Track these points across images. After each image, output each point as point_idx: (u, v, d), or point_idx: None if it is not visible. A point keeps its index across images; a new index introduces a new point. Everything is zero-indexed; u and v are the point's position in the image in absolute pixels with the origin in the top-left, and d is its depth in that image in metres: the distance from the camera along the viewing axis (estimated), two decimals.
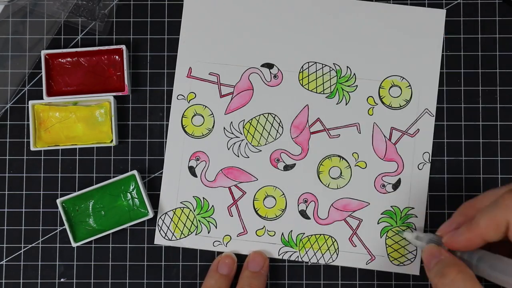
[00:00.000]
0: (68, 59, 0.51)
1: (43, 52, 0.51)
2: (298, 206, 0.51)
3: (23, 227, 0.51)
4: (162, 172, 0.51)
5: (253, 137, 0.51)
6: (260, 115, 0.52)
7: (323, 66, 0.52)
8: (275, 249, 0.51)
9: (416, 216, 0.50)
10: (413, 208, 0.51)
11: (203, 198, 0.51)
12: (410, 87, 0.51)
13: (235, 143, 0.51)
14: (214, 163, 0.51)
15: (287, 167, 0.51)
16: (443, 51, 0.52)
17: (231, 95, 0.52)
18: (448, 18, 0.52)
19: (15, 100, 0.52)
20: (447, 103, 0.51)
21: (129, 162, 0.52)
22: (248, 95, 0.52)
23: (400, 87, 0.51)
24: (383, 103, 0.51)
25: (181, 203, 0.51)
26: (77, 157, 0.52)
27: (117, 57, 0.51)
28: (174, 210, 0.51)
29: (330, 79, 0.51)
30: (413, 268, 0.50)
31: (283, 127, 0.51)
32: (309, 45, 0.52)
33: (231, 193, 0.51)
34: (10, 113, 0.52)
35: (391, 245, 0.50)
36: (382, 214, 0.51)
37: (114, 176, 0.51)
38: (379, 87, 0.51)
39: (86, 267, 0.51)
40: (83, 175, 0.52)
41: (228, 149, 0.51)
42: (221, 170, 0.51)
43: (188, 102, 0.52)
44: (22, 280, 0.51)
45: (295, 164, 0.51)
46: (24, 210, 0.51)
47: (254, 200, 0.51)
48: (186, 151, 0.51)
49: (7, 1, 0.52)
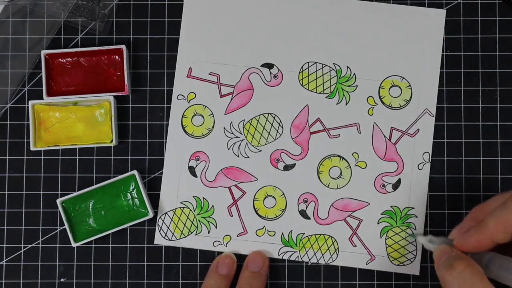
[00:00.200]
0: (68, 59, 0.51)
1: (43, 52, 0.51)
2: (298, 206, 0.51)
3: (23, 227, 0.51)
4: (162, 172, 0.51)
5: (253, 137, 0.51)
6: (260, 115, 0.52)
7: (323, 66, 0.52)
8: (275, 249, 0.51)
9: (416, 216, 0.50)
10: (413, 208, 0.51)
11: (203, 198, 0.51)
12: (410, 87, 0.51)
13: (235, 143, 0.51)
14: (214, 163, 0.51)
15: (287, 167, 0.51)
16: (443, 51, 0.52)
17: (231, 95, 0.52)
18: (448, 18, 0.52)
19: (15, 100, 0.52)
20: (447, 103, 0.51)
21: (129, 162, 0.52)
22: (248, 95, 0.52)
23: (400, 87, 0.51)
24: (383, 103, 0.51)
25: (181, 203, 0.51)
26: (77, 157, 0.52)
27: (117, 57, 0.51)
28: (174, 210, 0.51)
29: (330, 79, 0.51)
30: (413, 268, 0.50)
31: (283, 127, 0.51)
32: (309, 45, 0.52)
33: (231, 193, 0.51)
34: (10, 113, 0.52)
35: (391, 245, 0.50)
36: (382, 214, 0.51)
37: (114, 176, 0.51)
38: (379, 87, 0.51)
39: (86, 267, 0.51)
40: (83, 175, 0.52)
41: (228, 149, 0.51)
42: (221, 170, 0.51)
43: (188, 102, 0.52)
44: (22, 280, 0.51)
45: (295, 164, 0.51)
46: (24, 210, 0.51)
47: (254, 200, 0.51)
48: (186, 151, 0.51)
49: (7, 1, 0.52)
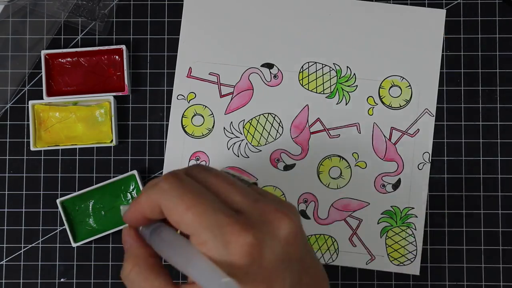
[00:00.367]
0: (68, 59, 0.51)
1: (43, 52, 0.51)
2: (298, 206, 0.51)
3: (23, 227, 0.51)
4: (162, 172, 0.51)
5: (253, 137, 0.51)
6: (260, 115, 0.52)
7: (323, 66, 0.52)
8: None
9: (416, 216, 0.50)
10: (413, 208, 0.51)
11: None
12: (410, 87, 0.51)
13: (235, 143, 0.51)
14: (214, 163, 0.51)
15: (287, 167, 0.51)
16: (443, 51, 0.52)
17: (231, 95, 0.52)
18: (448, 18, 0.52)
19: (15, 100, 0.52)
20: (447, 103, 0.51)
21: (129, 162, 0.52)
22: (248, 95, 0.52)
23: (400, 87, 0.51)
24: (383, 103, 0.51)
25: None
26: (77, 157, 0.52)
27: (117, 57, 0.51)
28: None
29: (330, 79, 0.51)
30: (413, 268, 0.50)
31: (283, 127, 0.51)
32: (309, 45, 0.52)
33: None
34: (10, 113, 0.52)
35: (391, 245, 0.50)
36: (382, 214, 0.51)
37: (114, 176, 0.51)
38: (379, 87, 0.51)
39: (86, 267, 0.51)
40: (83, 175, 0.52)
41: (228, 149, 0.51)
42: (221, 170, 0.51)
43: (188, 102, 0.52)
44: (22, 280, 0.51)
45: (295, 164, 0.51)
46: (24, 210, 0.51)
47: None
48: (186, 151, 0.51)
49: (7, 1, 0.52)
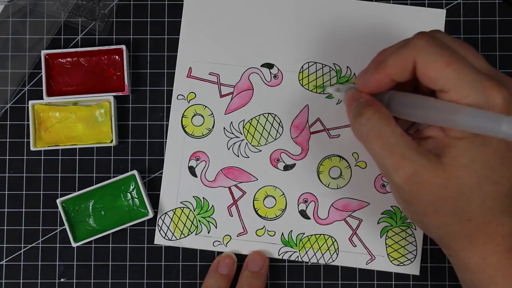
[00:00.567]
0: (68, 59, 0.51)
1: (43, 52, 0.51)
2: (298, 206, 0.51)
3: (23, 227, 0.51)
4: (162, 172, 0.51)
5: (253, 137, 0.51)
6: (260, 115, 0.52)
7: (323, 66, 0.52)
8: (275, 249, 0.51)
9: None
10: None
11: (203, 198, 0.51)
12: None
13: (235, 143, 0.51)
14: (214, 163, 0.51)
15: (287, 167, 0.51)
16: None
17: (231, 95, 0.52)
18: (448, 18, 0.52)
19: (15, 100, 0.52)
20: None
21: (129, 162, 0.52)
22: (248, 95, 0.52)
23: None
24: None
25: (181, 203, 0.51)
26: (77, 157, 0.52)
27: (117, 57, 0.51)
28: (174, 210, 0.51)
29: (330, 79, 0.51)
30: (413, 268, 0.50)
31: (283, 127, 0.51)
32: (309, 45, 0.52)
33: (231, 193, 0.51)
34: (10, 113, 0.52)
35: (391, 245, 0.50)
36: (382, 214, 0.51)
37: (114, 176, 0.51)
38: None
39: (86, 267, 0.51)
40: (83, 175, 0.52)
41: (228, 149, 0.51)
42: (221, 170, 0.51)
43: (188, 102, 0.52)
44: (22, 280, 0.51)
45: (295, 164, 0.51)
46: (24, 210, 0.51)
47: (254, 200, 0.51)
48: (186, 151, 0.51)
49: (7, 1, 0.52)
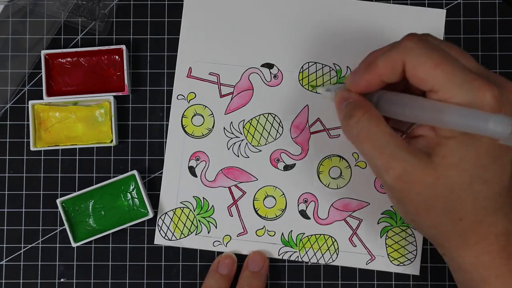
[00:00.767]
0: (68, 59, 0.51)
1: (43, 52, 0.51)
2: (298, 206, 0.51)
3: (23, 227, 0.51)
4: (162, 172, 0.51)
5: (253, 137, 0.51)
6: (260, 115, 0.52)
7: (323, 66, 0.52)
8: (275, 249, 0.51)
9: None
10: None
11: (203, 198, 0.51)
12: None
13: (235, 143, 0.51)
14: (214, 163, 0.51)
15: (287, 167, 0.51)
16: None
17: (231, 95, 0.52)
18: (448, 18, 0.52)
19: (15, 100, 0.52)
20: None
21: (129, 162, 0.52)
22: (248, 95, 0.52)
23: None
24: None
25: (181, 203, 0.51)
26: (77, 157, 0.52)
27: (117, 57, 0.51)
28: (174, 210, 0.51)
29: (330, 79, 0.51)
30: (413, 268, 0.50)
31: (283, 127, 0.51)
32: (309, 45, 0.52)
33: (231, 193, 0.51)
34: (10, 113, 0.52)
35: (391, 245, 0.50)
36: (382, 214, 0.51)
37: (114, 176, 0.51)
38: None
39: (86, 267, 0.51)
40: (83, 175, 0.52)
41: (228, 149, 0.51)
42: (221, 170, 0.51)
43: (188, 102, 0.52)
44: (22, 280, 0.51)
45: (295, 164, 0.51)
46: (24, 210, 0.51)
47: (254, 200, 0.51)
48: (186, 151, 0.51)
49: (7, 1, 0.52)
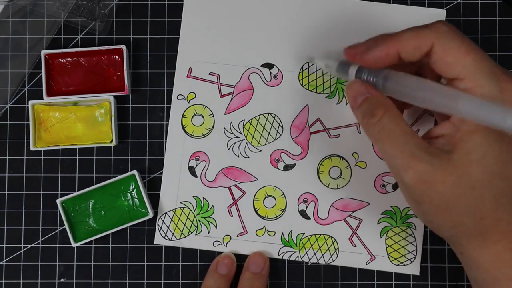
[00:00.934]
0: (68, 59, 0.51)
1: (43, 52, 0.51)
2: (298, 206, 0.51)
3: (23, 227, 0.51)
4: (162, 172, 0.51)
5: (253, 137, 0.51)
6: (260, 115, 0.52)
7: None
8: (275, 249, 0.51)
9: (416, 216, 0.50)
10: None
11: (203, 198, 0.51)
12: None
13: (235, 143, 0.51)
14: (214, 163, 0.51)
15: (287, 167, 0.51)
16: None
17: (231, 95, 0.52)
18: (448, 18, 0.52)
19: (15, 100, 0.52)
20: None
21: (129, 162, 0.52)
22: (248, 95, 0.52)
23: None
24: None
25: (181, 203, 0.51)
26: (77, 157, 0.52)
27: (117, 57, 0.51)
28: (174, 210, 0.51)
29: (330, 79, 0.51)
30: (413, 268, 0.50)
31: (283, 127, 0.51)
32: (309, 45, 0.52)
33: (231, 193, 0.51)
34: (10, 113, 0.52)
35: (391, 245, 0.50)
36: (382, 214, 0.51)
37: (114, 176, 0.51)
38: None
39: (86, 267, 0.51)
40: (83, 175, 0.52)
41: (228, 149, 0.51)
42: (221, 170, 0.51)
43: (188, 102, 0.52)
44: (22, 280, 0.51)
45: (295, 164, 0.51)
46: (24, 210, 0.51)
47: (254, 200, 0.51)
48: (186, 151, 0.51)
49: (7, 1, 0.52)
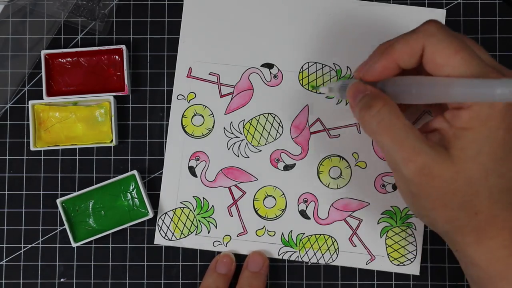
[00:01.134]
0: (68, 59, 0.51)
1: (43, 52, 0.51)
2: (298, 206, 0.51)
3: (23, 227, 0.51)
4: (162, 172, 0.51)
5: (253, 137, 0.51)
6: (260, 115, 0.52)
7: (323, 66, 0.52)
8: (275, 249, 0.51)
9: (415, 216, 0.50)
10: None
11: (203, 198, 0.51)
12: None
13: (235, 143, 0.51)
14: (214, 163, 0.51)
15: (287, 167, 0.51)
16: None
17: (231, 95, 0.52)
18: (448, 18, 0.52)
19: (15, 100, 0.52)
20: None
21: (129, 162, 0.52)
22: (248, 95, 0.52)
23: None
24: None
25: (181, 203, 0.51)
26: (77, 157, 0.52)
27: (117, 57, 0.51)
28: (174, 210, 0.51)
29: (330, 79, 0.51)
30: (413, 268, 0.50)
31: (283, 127, 0.51)
32: (309, 45, 0.52)
33: (231, 193, 0.51)
34: (10, 113, 0.52)
35: (391, 245, 0.50)
36: (382, 214, 0.51)
37: (114, 176, 0.51)
38: None
39: (86, 267, 0.51)
40: (83, 175, 0.52)
41: (228, 149, 0.51)
42: (221, 170, 0.51)
43: (188, 102, 0.52)
44: (22, 280, 0.51)
45: (295, 164, 0.51)
46: (24, 210, 0.51)
47: (254, 200, 0.51)
48: (186, 151, 0.51)
49: (7, 1, 0.52)
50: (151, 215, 0.50)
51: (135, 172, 0.50)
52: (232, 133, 0.51)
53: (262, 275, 0.49)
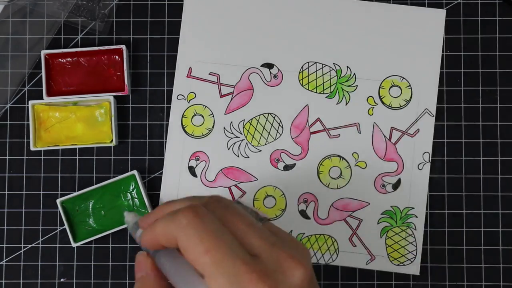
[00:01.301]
0: (68, 59, 0.51)
1: (43, 52, 0.51)
2: (298, 206, 0.51)
3: (23, 227, 0.51)
4: (162, 172, 0.51)
5: (253, 137, 0.51)
6: (260, 115, 0.52)
7: (323, 66, 0.52)
8: None
9: (416, 216, 0.50)
10: (413, 208, 0.51)
11: None
12: (410, 87, 0.51)
13: (235, 143, 0.51)
14: (214, 163, 0.51)
15: (287, 167, 0.51)
16: (443, 51, 0.52)
17: (231, 95, 0.52)
18: (448, 18, 0.52)
19: (15, 100, 0.52)
20: (447, 103, 0.51)
21: (129, 162, 0.52)
22: (248, 95, 0.52)
23: (400, 87, 0.51)
24: (383, 103, 0.51)
25: None
26: (77, 157, 0.52)
27: (117, 57, 0.51)
28: None
29: (330, 79, 0.51)
30: (413, 268, 0.50)
31: (283, 127, 0.51)
32: (309, 45, 0.52)
33: (231, 193, 0.51)
34: (10, 113, 0.52)
35: (391, 245, 0.50)
36: (382, 214, 0.51)
37: (114, 176, 0.51)
38: (379, 87, 0.51)
39: (86, 267, 0.51)
40: (83, 175, 0.52)
41: (228, 149, 0.51)
42: (221, 170, 0.51)
43: (188, 102, 0.52)
44: (22, 280, 0.51)
45: (295, 164, 0.51)
46: (24, 210, 0.51)
47: (254, 200, 0.51)
48: (186, 151, 0.51)
49: (7, 1, 0.52)
50: None
51: (135, 172, 0.50)
52: (232, 133, 0.52)
53: None
